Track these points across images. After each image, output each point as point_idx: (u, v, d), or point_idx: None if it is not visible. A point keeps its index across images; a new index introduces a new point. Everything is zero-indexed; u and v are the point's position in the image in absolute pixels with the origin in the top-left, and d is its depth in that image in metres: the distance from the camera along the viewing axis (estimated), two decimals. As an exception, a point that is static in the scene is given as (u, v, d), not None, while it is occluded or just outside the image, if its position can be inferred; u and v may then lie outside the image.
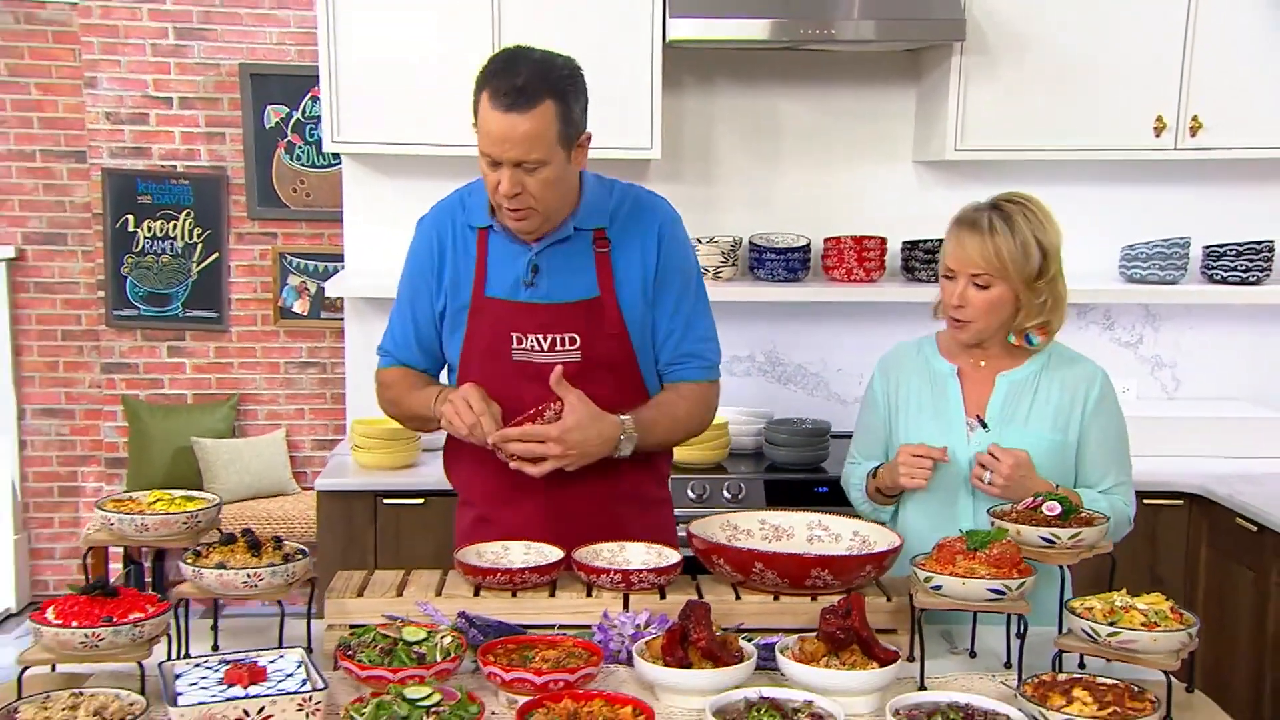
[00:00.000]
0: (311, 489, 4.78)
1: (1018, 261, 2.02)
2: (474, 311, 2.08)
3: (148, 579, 4.56)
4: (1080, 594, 1.75)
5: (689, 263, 2.16)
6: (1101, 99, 3.36)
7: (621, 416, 2.03)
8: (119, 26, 4.60)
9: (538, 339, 2.05)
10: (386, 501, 3.19)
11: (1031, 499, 1.85)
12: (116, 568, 4.69)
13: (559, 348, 2.05)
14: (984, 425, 2.09)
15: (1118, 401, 2.16)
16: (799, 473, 3.32)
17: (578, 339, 2.05)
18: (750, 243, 3.59)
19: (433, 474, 3.30)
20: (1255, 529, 2.96)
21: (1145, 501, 3.20)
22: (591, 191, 2.08)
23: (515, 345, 2.06)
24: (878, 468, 2.19)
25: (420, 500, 3.19)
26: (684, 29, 3.21)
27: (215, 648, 1.82)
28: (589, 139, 2.01)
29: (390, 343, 2.21)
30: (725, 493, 3.21)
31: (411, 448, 3.31)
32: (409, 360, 2.18)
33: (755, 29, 3.21)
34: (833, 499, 2.84)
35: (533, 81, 1.87)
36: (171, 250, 4.78)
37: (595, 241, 2.07)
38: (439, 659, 1.64)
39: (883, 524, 2.10)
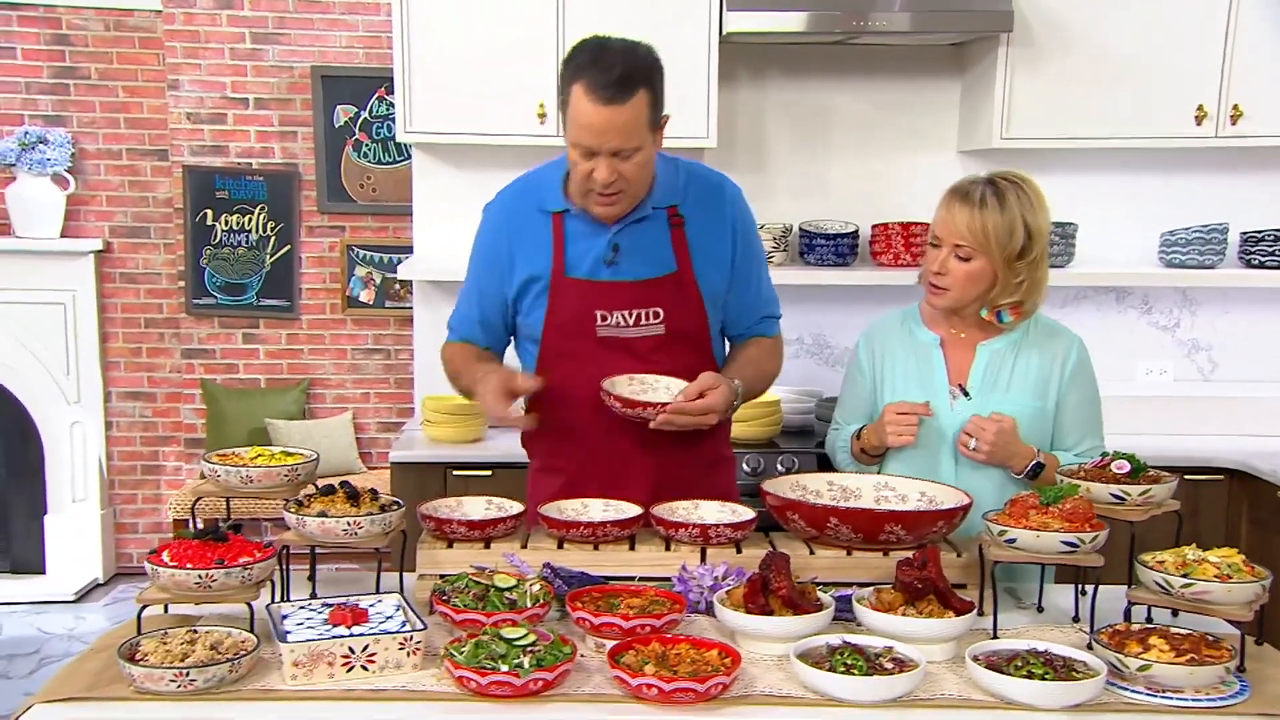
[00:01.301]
0: (377, 469, 4.84)
1: (1001, 239, 1.95)
2: (554, 292, 2.03)
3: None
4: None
5: (756, 233, 2.17)
6: (1144, 88, 3.29)
7: (734, 381, 2.03)
8: (200, 32, 4.63)
9: (623, 315, 2.02)
10: (456, 473, 3.18)
11: (1100, 458, 1.81)
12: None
13: (644, 322, 2.03)
14: (966, 394, 2.04)
15: (1093, 369, 2.11)
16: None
17: (661, 312, 2.03)
18: (800, 229, 3.55)
19: (499, 447, 3.30)
20: (1298, 502, 2.89)
21: (1186, 477, 3.16)
22: (662, 171, 2.05)
23: (599, 322, 2.02)
24: (862, 428, 2.15)
25: (488, 472, 3.18)
26: (740, 22, 3.18)
27: (313, 596, 1.82)
28: (667, 120, 1.98)
29: (455, 320, 2.19)
30: (779, 466, 3.17)
31: (479, 422, 3.30)
32: (472, 337, 2.16)
33: (795, 20, 3.16)
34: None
35: (627, 72, 1.84)
36: (247, 243, 4.81)
37: (670, 218, 2.04)
38: (529, 605, 1.62)
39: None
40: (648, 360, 2.03)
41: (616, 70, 1.83)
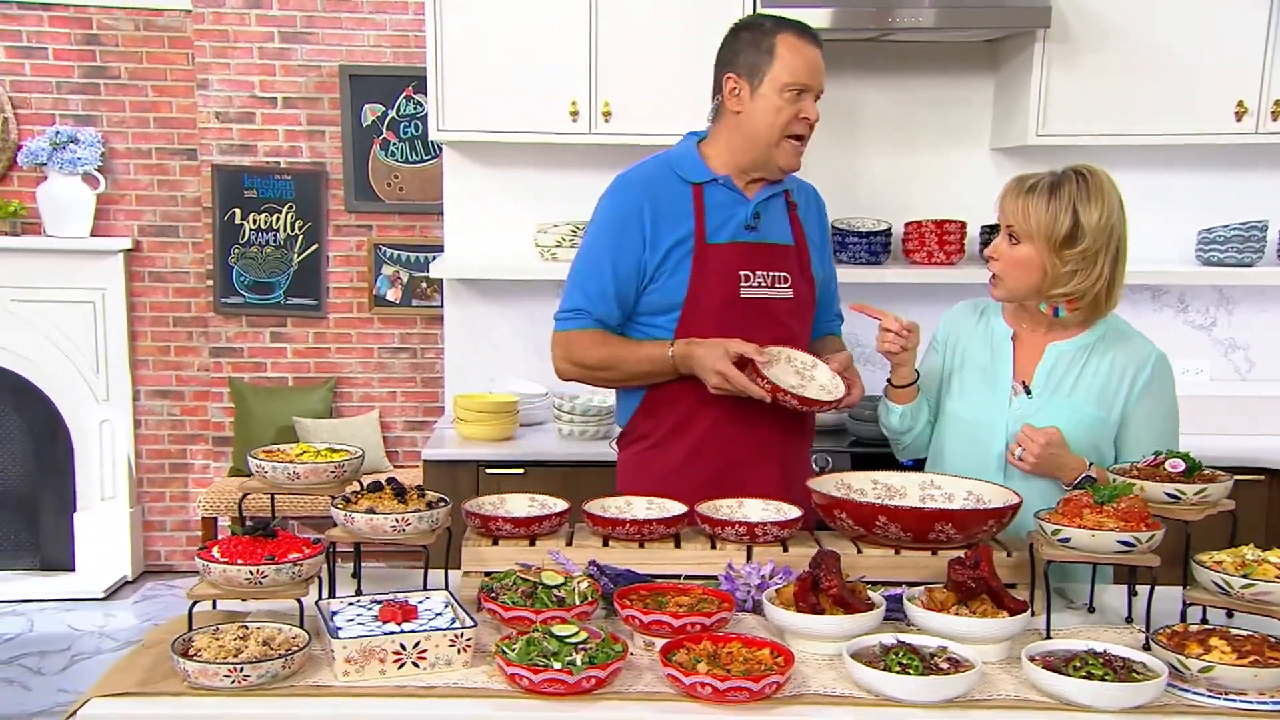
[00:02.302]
0: (404, 467, 4.84)
1: (1043, 224, 1.93)
2: (699, 256, 2.12)
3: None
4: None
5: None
6: (1183, 84, 3.26)
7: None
8: (228, 31, 4.65)
9: (763, 275, 2.15)
10: (489, 471, 3.18)
11: (1153, 456, 1.78)
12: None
13: (777, 285, 2.17)
14: (1028, 392, 2.02)
15: (1172, 384, 2.05)
16: (881, 446, 3.23)
17: (789, 278, 2.18)
18: (834, 227, 3.53)
19: (531, 445, 3.30)
20: (1342, 503, 2.85)
21: (1225, 477, 3.12)
22: None
23: (744, 283, 2.13)
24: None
25: (520, 470, 3.18)
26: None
27: (359, 592, 1.81)
28: None
29: (583, 300, 2.15)
30: (814, 465, 3.15)
31: (511, 420, 3.30)
32: (605, 315, 2.15)
33: (823, 17, 3.14)
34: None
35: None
36: (274, 242, 4.83)
37: (787, 200, 2.22)
38: (578, 602, 1.62)
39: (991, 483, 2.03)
40: (783, 324, 2.16)
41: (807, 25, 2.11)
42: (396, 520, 1.67)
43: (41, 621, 4.41)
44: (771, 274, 2.16)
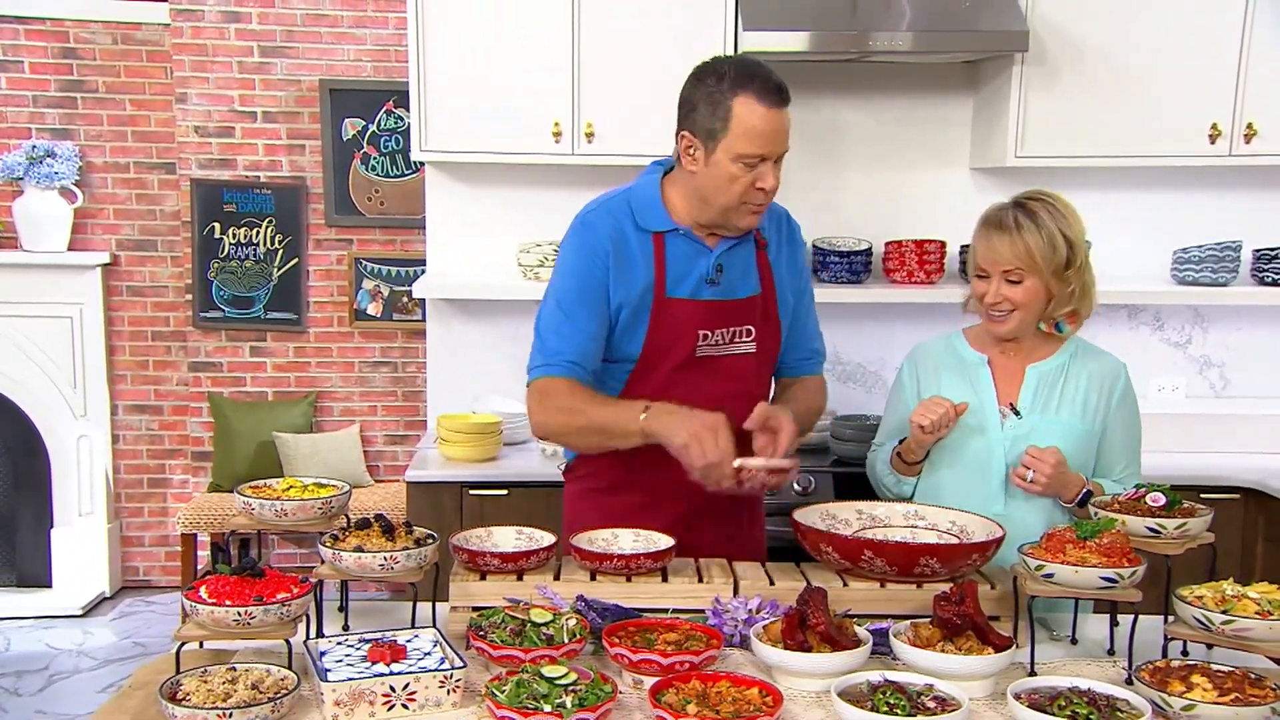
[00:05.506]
0: (384, 481, 4.82)
1: (1045, 255, 2.00)
2: (657, 311, 2.01)
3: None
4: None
5: (808, 266, 2.27)
6: (1158, 107, 3.30)
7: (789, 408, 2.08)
8: (208, 45, 4.62)
9: (722, 333, 2.05)
10: (472, 492, 3.17)
11: (1134, 489, 1.81)
12: (204, 555, 4.70)
13: (738, 340, 2.07)
14: (1017, 413, 2.06)
15: (1135, 395, 2.15)
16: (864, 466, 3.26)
17: (752, 330, 2.07)
18: (814, 246, 3.54)
19: (515, 466, 3.29)
20: (1315, 522, 2.89)
21: (1202, 495, 3.16)
22: None
23: (700, 341, 2.03)
24: (902, 439, 2.16)
25: (504, 491, 3.17)
26: (753, 41, 3.18)
27: (345, 628, 1.81)
28: None
29: (559, 343, 1.99)
30: (795, 485, 3.17)
31: (494, 441, 3.29)
32: (586, 363, 1.99)
33: (801, 40, 3.16)
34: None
35: (781, 81, 1.91)
36: (254, 256, 4.80)
37: (756, 240, 2.09)
38: (566, 640, 1.62)
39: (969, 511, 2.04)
40: (737, 380, 2.05)
41: (774, 78, 1.90)
42: (385, 559, 1.66)
43: (19, 640, 4.36)
44: (732, 330, 2.04)
